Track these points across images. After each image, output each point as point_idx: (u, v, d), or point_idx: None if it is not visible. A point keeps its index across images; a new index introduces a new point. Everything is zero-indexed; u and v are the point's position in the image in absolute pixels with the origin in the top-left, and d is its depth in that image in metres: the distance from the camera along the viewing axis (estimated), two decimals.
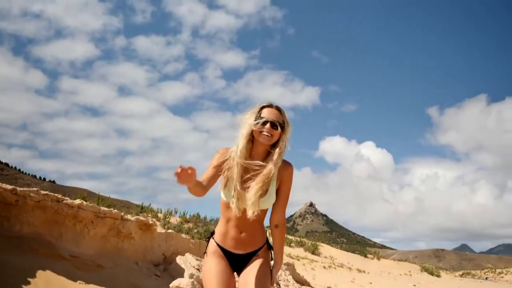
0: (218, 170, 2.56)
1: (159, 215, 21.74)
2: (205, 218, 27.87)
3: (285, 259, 20.15)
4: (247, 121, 2.59)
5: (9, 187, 5.74)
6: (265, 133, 2.54)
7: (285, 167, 2.63)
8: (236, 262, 2.66)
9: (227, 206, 2.59)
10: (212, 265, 2.60)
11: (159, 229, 8.31)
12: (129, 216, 7.31)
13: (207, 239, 2.79)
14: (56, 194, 6.26)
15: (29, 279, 5.35)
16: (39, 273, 5.53)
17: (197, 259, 8.04)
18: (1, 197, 5.73)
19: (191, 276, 7.28)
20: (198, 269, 7.65)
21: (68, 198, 6.38)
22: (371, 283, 19.19)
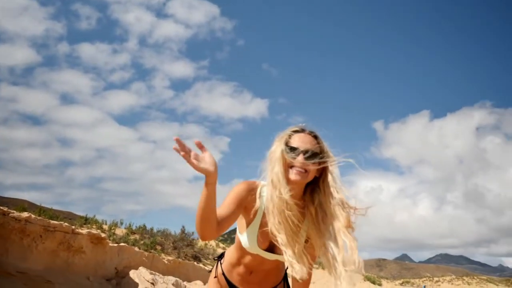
0: (238, 211, 1.82)
1: (104, 226, 21.06)
2: (151, 229, 27.26)
3: None
4: (275, 153, 1.83)
5: None
6: (297, 167, 1.78)
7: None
8: None
9: (246, 251, 1.98)
10: None
11: (111, 243, 8.02)
12: (80, 230, 7.02)
13: (216, 259, 2.25)
14: (1, 207, 5.93)
15: None
16: None
17: (151, 273, 7.84)
18: None
19: None
20: (152, 283, 7.46)
21: (14, 211, 6.06)
22: None
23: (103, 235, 7.41)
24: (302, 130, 1.86)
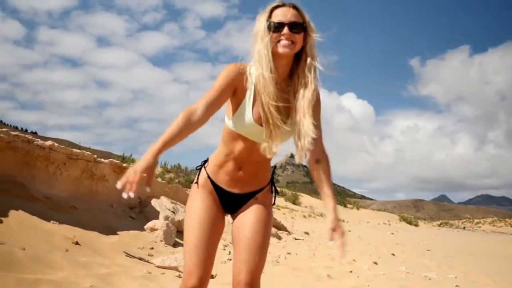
0: (227, 92, 1.90)
1: None
2: (186, 168, 28.10)
3: None
4: (259, 29, 1.89)
5: None
6: (284, 40, 1.86)
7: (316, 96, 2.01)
8: (228, 202, 2.13)
9: (235, 136, 2.01)
10: (197, 201, 2.09)
11: None
12: (102, 159, 7.29)
13: (198, 167, 2.22)
14: (26, 135, 6.19)
15: (1, 218, 5.37)
16: (12, 212, 5.53)
17: (172, 202, 8.15)
18: None
19: (166, 218, 7.41)
20: (173, 212, 7.77)
21: (39, 139, 6.32)
22: (350, 231, 19.75)
23: (124, 164, 7.67)
24: (282, 4, 1.92)
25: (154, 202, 7.98)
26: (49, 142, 6.38)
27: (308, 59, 1.92)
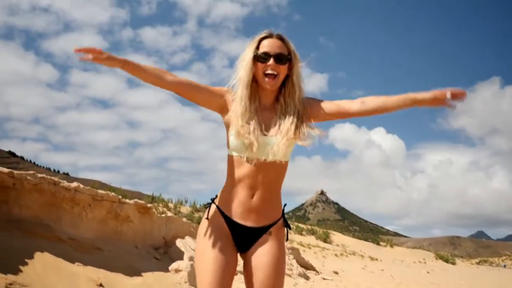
0: (208, 94, 2.03)
1: (170, 205, 22.01)
2: None
3: (294, 246, 20.18)
4: (246, 58, 2.02)
5: (6, 170, 5.80)
6: (268, 71, 1.98)
7: (308, 102, 2.08)
8: (241, 237, 2.04)
9: (239, 161, 2.00)
10: (209, 239, 2.01)
11: (159, 213, 8.35)
12: (127, 200, 7.35)
13: (207, 205, 2.18)
14: (52, 177, 6.32)
15: (27, 260, 5.42)
16: (37, 254, 5.59)
17: None
18: None
19: (191, 258, 7.34)
20: None
21: (64, 181, 6.43)
22: (383, 270, 19.16)
23: (149, 205, 7.71)
24: (270, 35, 2.03)
25: (179, 243, 7.94)
26: (74, 184, 6.49)
27: (292, 88, 2.04)
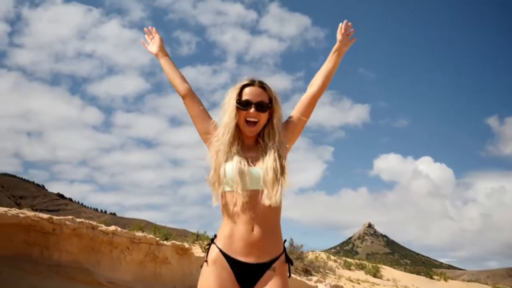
0: (206, 115, 2.24)
1: None
2: None
3: (343, 282, 19.53)
4: (229, 105, 2.15)
5: (45, 216, 5.94)
6: (250, 118, 2.12)
7: (283, 128, 2.22)
8: (244, 276, 2.00)
9: (232, 196, 2.03)
10: (211, 281, 1.99)
11: (198, 253, 8.30)
12: (164, 242, 7.34)
13: (207, 246, 2.16)
14: (91, 222, 6.41)
15: None
16: None
17: None
18: (39, 226, 5.92)
19: None
20: None
21: (102, 225, 6.51)
22: None
23: (187, 246, 7.67)
24: (252, 83, 2.16)
25: None
26: (112, 228, 6.55)
27: (272, 130, 2.15)
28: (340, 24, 2.34)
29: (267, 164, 2.05)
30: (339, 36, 2.32)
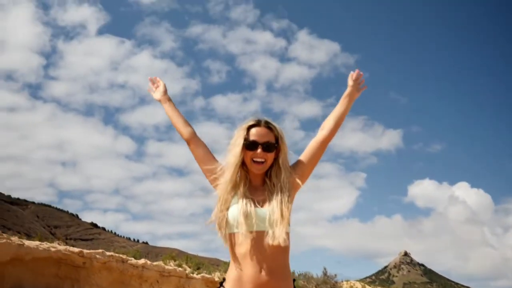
0: (212, 157, 2.23)
1: None
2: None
3: None
4: (236, 144, 2.15)
5: (76, 250, 5.97)
6: (257, 159, 2.12)
7: (292, 168, 2.20)
8: None
9: (239, 238, 2.01)
10: None
11: None
12: (194, 275, 7.25)
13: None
14: (120, 255, 6.40)
15: None
16: None
17: None
18: (70, 260, 5.95)
19: None
20: None
21: (132, 258, 6.49)
22: None
23: (216, 278, 7.55)
24: (258, 123, 2.17)
25: None
26: (142, 261, 6.52)
27: (279, 169, 2.15)
28: (352, 72, 2.40)
29: (273, 205, 2.04)
30: (350, 82, 2.38)
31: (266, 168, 2.16)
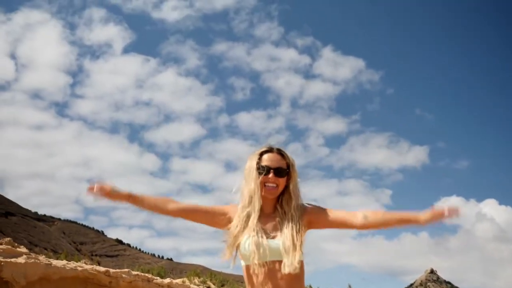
0: (212, 215, 2.17)
1: None
2: None
3: None
4: (251, 171, 2.16)
5: (102, 269, 6.00)
6: (269, 184, 2.12)
7: (308, 208, 2.17)
8: None
9: (254, 269, 2.01)
10: None
11: None
12: None
13: None
14: (146, 274, 6.41)
15: None
16: None
17: None
18: (97, 279, 5.99)
19: None
20: None
21: (158, 278, 6.50)
22: None
23: None
24: (270, 150, 2.19)
25: None
26: (167, 280, 6.53)
27: (289, 197, 2.15)
28: (448, 207, 1.99)
29: (284, 233, 2.05)
30: (431, 217, 2.00)
31: (278, 193, 2.16)
